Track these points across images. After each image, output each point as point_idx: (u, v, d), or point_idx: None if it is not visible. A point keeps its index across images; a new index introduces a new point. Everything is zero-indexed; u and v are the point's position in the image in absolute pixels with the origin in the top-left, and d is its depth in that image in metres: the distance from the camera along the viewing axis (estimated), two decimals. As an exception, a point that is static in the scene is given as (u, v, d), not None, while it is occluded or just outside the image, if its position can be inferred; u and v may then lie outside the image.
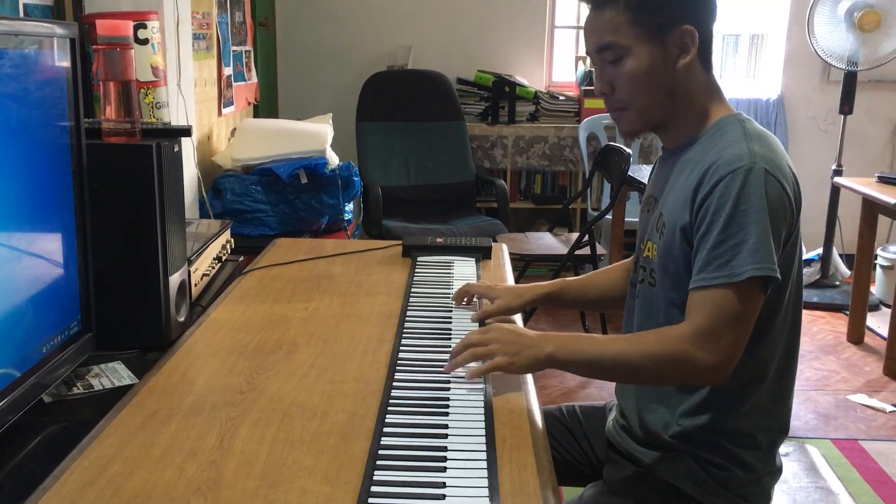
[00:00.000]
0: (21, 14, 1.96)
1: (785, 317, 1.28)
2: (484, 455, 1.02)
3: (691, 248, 1.24)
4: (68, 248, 1.30)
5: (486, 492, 0.94)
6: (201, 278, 1.80)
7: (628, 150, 3.51)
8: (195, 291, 1.73)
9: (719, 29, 5.21)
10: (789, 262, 1.25)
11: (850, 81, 4.29)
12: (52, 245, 1.26)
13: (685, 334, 1.19)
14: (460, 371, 1.25)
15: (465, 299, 1.59)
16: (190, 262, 1.66)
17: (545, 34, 4.81)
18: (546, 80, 4.91)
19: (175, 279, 1.52)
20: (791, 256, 1.25)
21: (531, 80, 4.73)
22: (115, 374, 1.38)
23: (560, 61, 4.99)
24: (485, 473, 0.98)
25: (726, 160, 1.20)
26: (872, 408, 3.16)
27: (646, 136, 1.27)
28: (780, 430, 1.34)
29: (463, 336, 1.44)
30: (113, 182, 1.42)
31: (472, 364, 1.25)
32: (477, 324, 1.49)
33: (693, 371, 1.20)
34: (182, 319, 1.56)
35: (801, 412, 3.10)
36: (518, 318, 1.57)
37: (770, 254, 1.16)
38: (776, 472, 1.35)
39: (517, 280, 2.23)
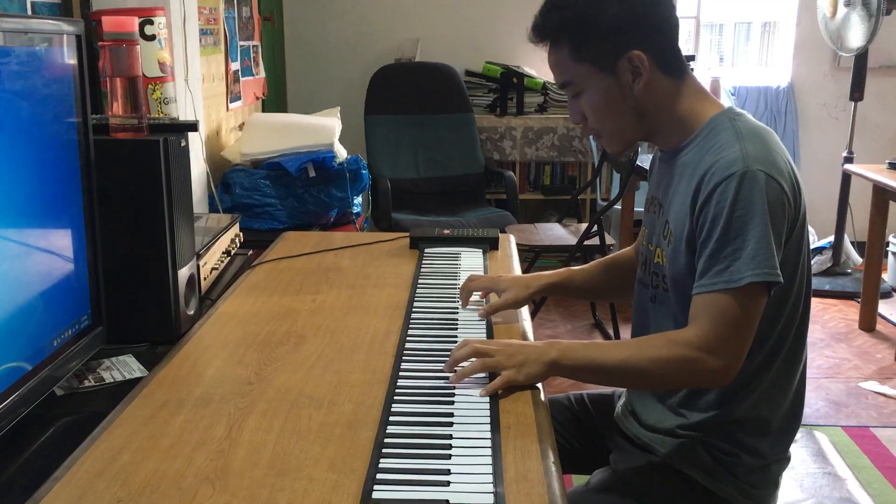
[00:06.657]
0: (29, 12, 1.97)
1: (796, 305, 1.29)
2: (489, 442, 1.03)
3: (695, 257, 1.24)
4: (78, 244, 1.31)
5: (490, 478, 0.95)
6: (210, 272, 1.81)
7: (636, 140, 3.50)
8: (205, 285, 1.75)
9: (731, 17, 5.17)
10: (796, 253, 1.25)
11: (859, 68, 4.26)
12: (62, 240, 1.27)
13: (690, 339, 1.19)
14: (467, 381, 1.20)
15: (470, 296, 1.56)
16: (199, 256, 1.68)
17: (553, 25, 4.80)
18: (554, 70, 4.90)
19: (184, 273, 1.54)
20: (798, 247, 1.25)
21: (539, 71, 4.72)
22: (125, 366, 1.40)
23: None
24: (489, 460, 0.99)
25: (721, 165, 1.20)
26: (884, 395, 3.16)
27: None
28: (795, 416, 1.35)
29: (468, 329, 1.45)
30: (121, 177, 1.43)
31: (480, 374, 1.21)
32: (483, 320, 1.47)
33: (698, 375, 1.21)
34: (191, 313, 1.58)
35: (813, 400, 3.10)
36: (524, 309, 1.58)
37: (770, 258, 1.16)
38: (784, 460, 1.35)
39: (526, 271, 2.24)
